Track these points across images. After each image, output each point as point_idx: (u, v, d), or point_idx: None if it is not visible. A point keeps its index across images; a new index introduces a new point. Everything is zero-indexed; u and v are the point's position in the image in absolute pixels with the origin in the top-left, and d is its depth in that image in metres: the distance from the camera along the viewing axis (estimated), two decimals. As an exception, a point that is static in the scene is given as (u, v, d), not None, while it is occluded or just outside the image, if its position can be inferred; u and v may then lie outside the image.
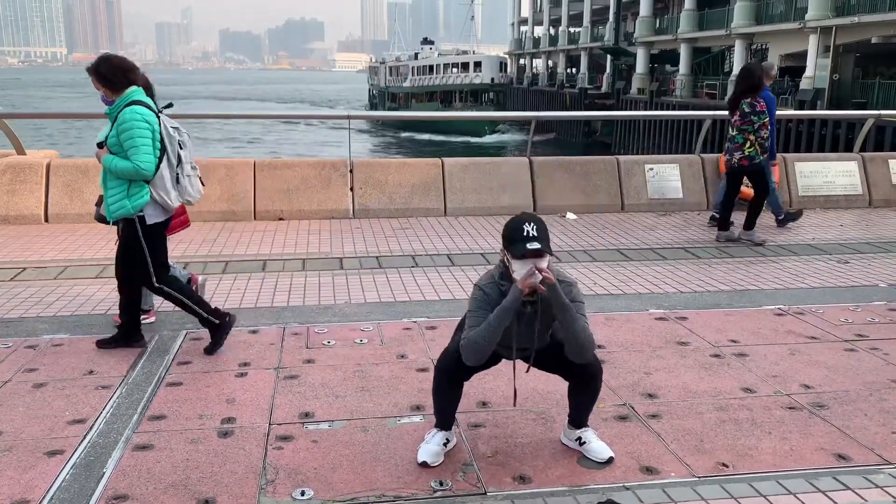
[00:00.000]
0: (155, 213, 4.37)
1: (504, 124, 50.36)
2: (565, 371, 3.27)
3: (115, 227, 4.51)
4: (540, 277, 2.96)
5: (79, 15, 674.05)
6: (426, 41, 74.86)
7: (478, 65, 57.66)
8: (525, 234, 2.98)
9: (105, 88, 4.30)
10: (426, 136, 51.05)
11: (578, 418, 3.35)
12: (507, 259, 3.06)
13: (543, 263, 3.00)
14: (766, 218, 8.40)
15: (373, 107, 74.31)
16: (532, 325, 3.12)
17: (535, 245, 2.95)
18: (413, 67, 65.76)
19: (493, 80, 57.35)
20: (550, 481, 3.11)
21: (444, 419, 3.31)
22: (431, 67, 62.87)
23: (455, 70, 59.78)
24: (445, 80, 60.01)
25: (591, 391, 3.30)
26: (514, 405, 3.58)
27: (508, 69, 67.25)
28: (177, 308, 4.50)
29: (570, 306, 3.04)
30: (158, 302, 5.39)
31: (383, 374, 4.18)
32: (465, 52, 65.14)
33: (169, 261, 4.62)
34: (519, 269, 3.00)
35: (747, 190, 9.13)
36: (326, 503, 2.94)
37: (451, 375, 3.20)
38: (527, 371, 3.26)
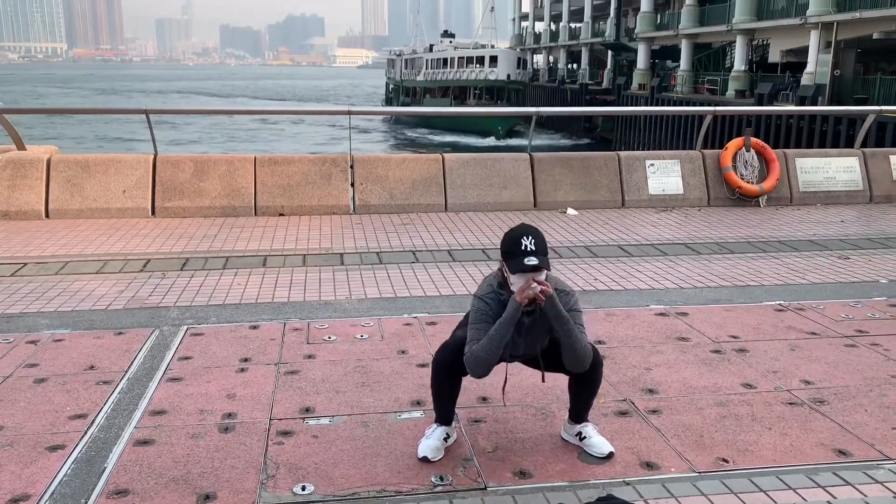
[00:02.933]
0: None
1: (522, 126, 45.83)
2: (564, 367, 3.27)
3: (117, 222, 4.51)
4: (538, 288, 2.96)
5: (79, 10, 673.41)
6: (446, 34, 70.57)
7: (494, 60, 53.83)
8: (524, 248, 2.98)
9: None
10: (440, 138, 47.98)
11: (579, 412, 3.36)
12: (506, 271, 3.08)
13: (541, 276, 3.01)
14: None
15: (388, 101, 70.78)
16: (532, 333, 3.16)
17: (533, 260, 2.96)
18: (427, 60, 61.77)
19: (509, 76, 52.28)
20: (551, 476, 3.11)
21: (444, 414, 3.32)
22: (445, 61, 59.28)
23: (470, 65, 56.03)
24: (459, 76, 56.50)
25: (591, 384, 3.30)
26: (504, 405, 3.65)
27: (528, 65, 61.89)
28: (179, 302, 4.51)
29: (567, 318, 3.05)
30: (158, 298, 5.40)
31: (384, 369, 4.18)
32: (482, 47, 60.92)
33: None
34: (517, 283, 3.02)
35: (748, 186, 9.14)
36: (327, 498, 2.95)
37: (448, 370, 3.21)
38: (542, 380, 3.34)
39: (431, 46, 66.02)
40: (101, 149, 38.18)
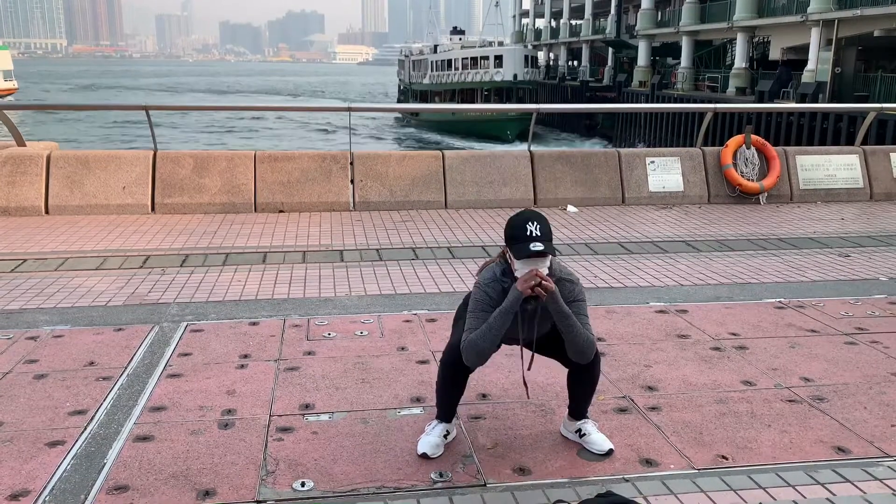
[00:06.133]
0: None
1: (536, 128, 42.15)
2: (564, 357, 3.24)
3: (117, 218, 4.51)
4: (538, 280, 2.91)
5: (79, 6, 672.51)
6: (455, 30, 66.94)
7: (499, 59, 50.83)
8: (528, 233, 2.92)
9: None
10: (438, 139, 45.74)
11: (578, 409, 3.35)
12: (510, 258, 3.02)
13: (546, 264, 2.96)
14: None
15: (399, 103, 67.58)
16: (534, 321, 3.10)
17: (539, 246, 2.90)
18: (432, 62, 58.63)
19: (515, 76, 49.31)
20: (550, 473, 3.12)
21: (447, 412, 3.31)
22: (450, 62, 55.44)
23: (474, 66, 52.81)
24: (464, 78, 53.33)
25: (590, 380, 3.28)
26: (528, 398, 3.60)
27: (538, 62, 57.56)
28: (179, 298, 4.51)
29: (568, 314, 3.00)
30: (158, 294, 5.40)
31: (383, 366, 4.19)
32: (489, 44, 57.71)
33: None
34: (521, 269, 2.96)
35: (748, 183, 9.13)
36: (326, 494, 2.95)
37: (455, 369, 3.19)
38: (528, 368, 3.20)
39: (436, 47, 63.54)
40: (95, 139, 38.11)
